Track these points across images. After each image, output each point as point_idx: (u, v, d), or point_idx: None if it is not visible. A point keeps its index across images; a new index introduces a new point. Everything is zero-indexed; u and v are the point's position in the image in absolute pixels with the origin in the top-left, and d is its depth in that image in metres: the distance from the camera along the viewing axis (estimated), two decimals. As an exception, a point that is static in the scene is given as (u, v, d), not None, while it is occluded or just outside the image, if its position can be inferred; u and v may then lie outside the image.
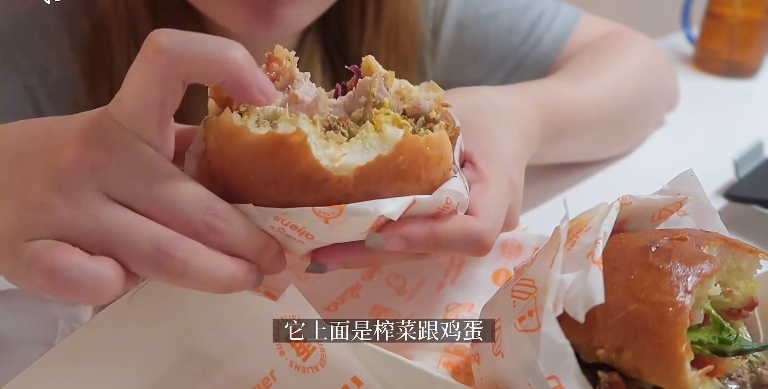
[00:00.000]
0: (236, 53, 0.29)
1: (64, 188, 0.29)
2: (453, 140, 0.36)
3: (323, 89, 0.35)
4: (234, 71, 0.29)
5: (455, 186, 0.35)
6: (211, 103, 0.34)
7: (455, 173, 0.36)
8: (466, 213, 0.37)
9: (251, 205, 0.32)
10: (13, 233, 0.29)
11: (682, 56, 0.99)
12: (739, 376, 0.31)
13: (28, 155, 0.30)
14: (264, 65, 0.34)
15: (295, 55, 0.35)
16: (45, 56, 0.59)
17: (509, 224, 0.42)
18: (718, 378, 0.30)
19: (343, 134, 0.33)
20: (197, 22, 0.60)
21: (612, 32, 0.72)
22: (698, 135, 0.75)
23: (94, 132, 0.30)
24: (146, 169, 0.30)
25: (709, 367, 0.28)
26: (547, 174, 0.64)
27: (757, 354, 0.32)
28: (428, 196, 0.34)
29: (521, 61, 0.72)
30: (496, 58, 0.72)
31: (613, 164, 0.68)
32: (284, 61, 0.34)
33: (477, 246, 0.36)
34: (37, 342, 0.40)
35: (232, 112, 0.31)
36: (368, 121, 0.33)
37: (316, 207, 0.31)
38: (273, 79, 0.34)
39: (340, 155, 0.31)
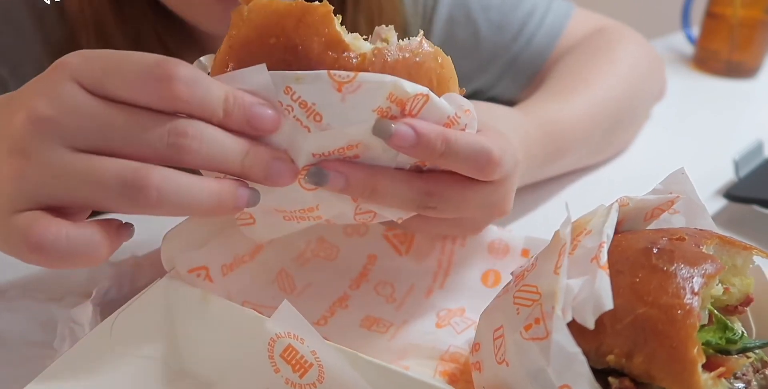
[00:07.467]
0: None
1: (27, 151, 0.29)
2: None
3: None
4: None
5: (464, 101, 0.36)
6: None
7: None
8: None
9: (263, 66, 0.31)
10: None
11: (682, 56, 1.00)
12: (744, 375, 0.31)
13: None
14: None
15: None
16: (15, 49, 0.58)
17: (501, 207, 0.42)
18: (725, 378, 0.30)
19: None
20: (170, 23, 0.58)
21: (601, 29, 0.72)
22: (698, 135, 0.75)
23: (44, 86, 0.30)
24: (95, 112, 0.30)
25: (722, 369, 0.28)
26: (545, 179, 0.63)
27: (756, 351, 0.33)
28: (440, 97, 0.34)
29: (515, 59, 0.71)
30: (487, 55, 0.72)
31: (613, 165, 0.68)
32: None
33: (485, 160, 0.36)
34: (36, 343, 0.39)
35: None
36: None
37: (331, 70, 0.31)
38: None
39: (360, 39, 0.33)
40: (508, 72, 0.72)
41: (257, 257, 0.43)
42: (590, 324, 0.28)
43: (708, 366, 0.29)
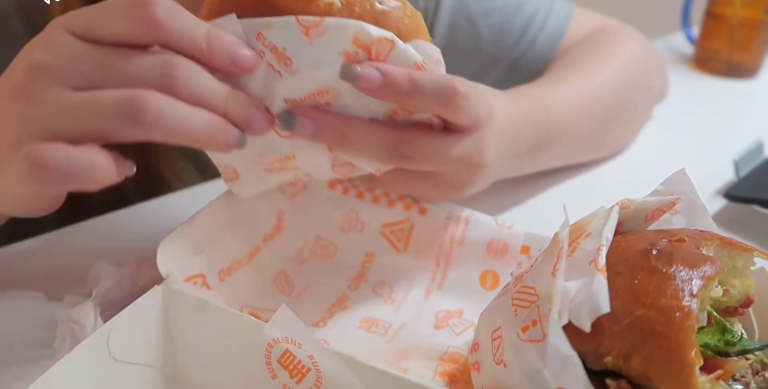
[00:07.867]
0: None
1: (28, 94, 0.31)
2: None
3: None
4: None
5: (433, 50, 0.36)
6: None
7: None
8: None
9: (233, 15, 0.33)
10: (7, 147, 0.32)
11: (682, 56, 0.99)
12: (742, 377, 0.30)
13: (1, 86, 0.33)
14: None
15: None
16: (10, 58, 0.57)
17: (478, 158, 0.42)
18: (724, 380, 0.29)
19: None
20: None
21: (601, 29, 0.71)
22: (698, 135, 0.75)
23: (38, 39, 0.33)
24: (88, 53, 0.32)
25: (720, 372, 0.28)
26: (542, 175, 0.62)
27: (756, 353, 0.32)
28: (406, 44, 0.35)
29: (517, 63, 0.71)
30: (489, 59, 0.71)
31: (613, 165, 0.67)
32: None
33: (452, 93, 0.37)
34: (36, 343, 0.39)
35: None
36: None
37: (299, 16, 0.33)
38: None
39: None
40: (509, 75, 0.71)
41: (255, 260, 0.43)
42: (586, 327, 0.28)
43: (706, 368, 0.28)
